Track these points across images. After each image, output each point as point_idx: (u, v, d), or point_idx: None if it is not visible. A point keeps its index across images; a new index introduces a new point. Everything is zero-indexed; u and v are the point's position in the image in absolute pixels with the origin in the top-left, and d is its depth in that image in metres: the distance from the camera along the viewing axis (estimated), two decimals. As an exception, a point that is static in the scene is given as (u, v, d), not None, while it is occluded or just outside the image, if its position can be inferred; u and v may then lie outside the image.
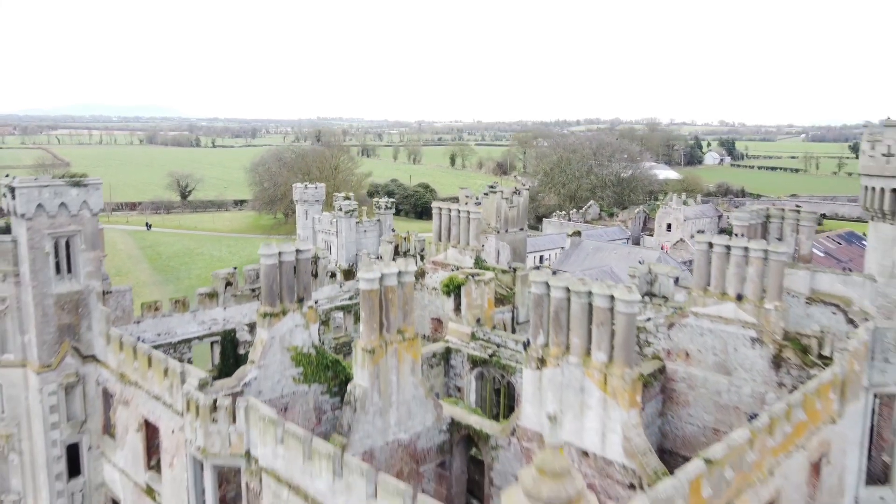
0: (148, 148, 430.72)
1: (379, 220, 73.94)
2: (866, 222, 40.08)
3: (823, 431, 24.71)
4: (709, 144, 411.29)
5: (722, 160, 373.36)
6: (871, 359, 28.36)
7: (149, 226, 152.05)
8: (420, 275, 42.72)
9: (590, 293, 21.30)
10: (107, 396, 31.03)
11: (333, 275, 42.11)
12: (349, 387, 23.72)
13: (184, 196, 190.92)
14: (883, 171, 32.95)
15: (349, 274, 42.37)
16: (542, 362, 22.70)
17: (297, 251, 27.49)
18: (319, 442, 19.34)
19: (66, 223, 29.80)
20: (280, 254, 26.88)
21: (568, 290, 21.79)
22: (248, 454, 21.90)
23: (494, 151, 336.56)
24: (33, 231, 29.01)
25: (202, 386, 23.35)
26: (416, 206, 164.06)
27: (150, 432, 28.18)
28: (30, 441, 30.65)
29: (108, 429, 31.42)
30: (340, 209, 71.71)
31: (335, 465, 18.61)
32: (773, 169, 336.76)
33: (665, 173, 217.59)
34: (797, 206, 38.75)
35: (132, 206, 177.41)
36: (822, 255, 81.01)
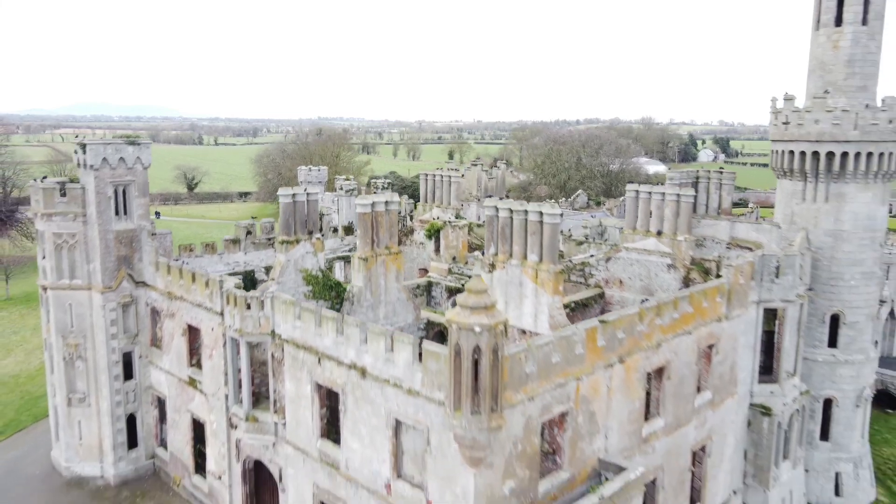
0: (152, 145, 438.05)
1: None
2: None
3: (711, 326, 32.19)
4: (703, 142, 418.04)
5: (716, 157, 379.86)
6: (759, 279, 35.90)
7: (157, 214, 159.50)
8: (409, 232, 50.34)
9: (526, 212, 28.87)
10: (154, 315, 38.60)
11: (335, 230, 49.60)
12: (348, 286, 31.33)
13: (190, 188, 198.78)
14: (783, 136, 40.38)
15: (349, 230, 49.78)
16: (492, 266, 30.31)
17: (308, 194, 35.12)
18: (327, 311, 26.94)
19: (124, 174, 37.40)
20: (294, 195, 34.49)
21: (510, 210, 29.37)
22: (273, 332, 29.46)
23: (492, 149, 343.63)
24: (99, 180, 36.60)
25: (237, 287, 30.92)
26: (414, 196, 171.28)
27: (192, 337, 35.74)
28: (93, 350, 38.19)
29: (155, 341, 38.99)
30: (341, 188, 79.16)
31: (338, 325, 26.18)
32: (765, 166, 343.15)
33: (655, 167, 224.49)
34: (720, 168, 46.13)
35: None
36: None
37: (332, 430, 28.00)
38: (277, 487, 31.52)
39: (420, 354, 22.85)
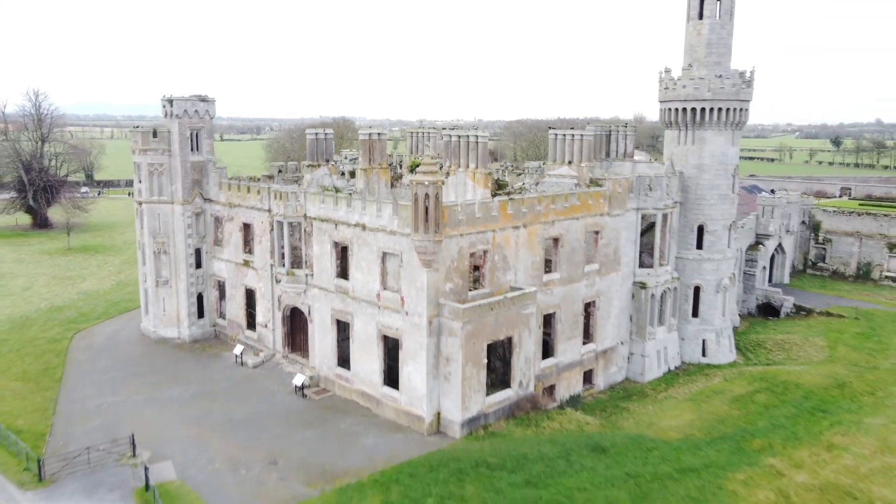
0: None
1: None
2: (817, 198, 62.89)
3: (596, 218, 48.08)
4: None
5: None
6: (638, 193, 51.80)
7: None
8: (399, 177, 66.36)
9: (468, 136, 44.93)
10: (216, 222, 54.68)
11: (343, 173, 65.60)
12: (354, 186, 47.45)
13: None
14: (664, 97, 56.32)
15: (353, 174, 65.67)
16: (447, 174, 46.38)
17: (325, 133, 51.30)
18: (340, 193, 43.02)
19: (198, 121, 53.50)
20: (317, 133, 50.68)
21: (458, 136, 45.45)
22: (305, 215, 45.49)
23: (489, 145, 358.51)
24: (181, 125, 52.68)
25: (282, 188, 47.07)
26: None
27: (246, 232, 51.80)
28: (174, 246, 54.24)
29: (217, 241, 55.05)
30: (346, 157, 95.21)
31: (348, 201, 42.22)
32: (751, 159, 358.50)
33: (637, 156, 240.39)
34: (625, 124, 62.22)
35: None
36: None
37: (343, 272, 44.03)
38: (307, 326, 47.52)
39: (397, 210, 38.87)
